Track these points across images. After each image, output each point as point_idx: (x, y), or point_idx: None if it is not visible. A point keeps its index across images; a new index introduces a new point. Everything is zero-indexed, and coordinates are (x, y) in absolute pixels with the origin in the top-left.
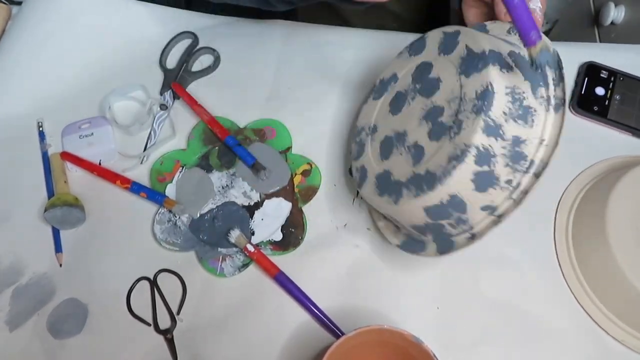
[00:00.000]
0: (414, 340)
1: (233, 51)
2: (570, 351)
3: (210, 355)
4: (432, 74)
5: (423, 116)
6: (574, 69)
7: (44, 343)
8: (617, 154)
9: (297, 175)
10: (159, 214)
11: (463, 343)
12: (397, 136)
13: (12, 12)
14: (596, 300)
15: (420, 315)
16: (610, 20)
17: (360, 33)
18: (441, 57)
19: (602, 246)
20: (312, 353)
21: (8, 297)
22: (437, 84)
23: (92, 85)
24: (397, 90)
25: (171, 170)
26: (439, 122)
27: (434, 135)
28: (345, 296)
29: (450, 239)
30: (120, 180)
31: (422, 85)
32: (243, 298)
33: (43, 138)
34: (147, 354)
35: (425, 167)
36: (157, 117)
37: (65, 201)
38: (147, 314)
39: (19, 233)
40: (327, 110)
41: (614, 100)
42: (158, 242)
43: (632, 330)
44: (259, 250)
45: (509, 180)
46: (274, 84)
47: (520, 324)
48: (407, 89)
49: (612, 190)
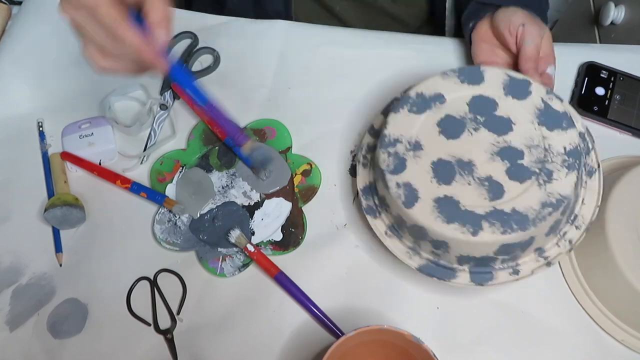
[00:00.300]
0: (414, 340)
1: (233, 51)
2: (570, 351)
3: (210, 355)
4: (498, 112)
5: (495, 152)
6: (574, 69)
7: (44, 343)
8: (617, 154)
9: (297, 175)
10: (159, 213)
11: (463, 343)
12: (460, 163)
13: (12, 12)
14: (596, 300)
15: (420, 315)
16: (610, 20)
17: (360, 33)
18: (509, 98)
19: (602, 246)
20: (312, 353)
21: (8, 297)
22: (509, 125)
23: (92, 85)
24: (447, 113)
25: (171, 171)
26: (520, 164)
27: (515, 176)
28: (345, 296)
29: (491, 272)
30: (121, 180)
31: (488, 119)
32: (243, 298)
33: (43, 138)
34: (147, 354)
35: (512, 206)
36: (157, 117)
37: (65, 201)
38: (147, 314)
39: (19, 233)
40: (327, 110)
41: (614, 100)
42: (158, 242)
43: (632, 330)
44: (259, 251)
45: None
46: (274, 84)
47: (520, 324)
48: (464, 116)
49: (612, 190)
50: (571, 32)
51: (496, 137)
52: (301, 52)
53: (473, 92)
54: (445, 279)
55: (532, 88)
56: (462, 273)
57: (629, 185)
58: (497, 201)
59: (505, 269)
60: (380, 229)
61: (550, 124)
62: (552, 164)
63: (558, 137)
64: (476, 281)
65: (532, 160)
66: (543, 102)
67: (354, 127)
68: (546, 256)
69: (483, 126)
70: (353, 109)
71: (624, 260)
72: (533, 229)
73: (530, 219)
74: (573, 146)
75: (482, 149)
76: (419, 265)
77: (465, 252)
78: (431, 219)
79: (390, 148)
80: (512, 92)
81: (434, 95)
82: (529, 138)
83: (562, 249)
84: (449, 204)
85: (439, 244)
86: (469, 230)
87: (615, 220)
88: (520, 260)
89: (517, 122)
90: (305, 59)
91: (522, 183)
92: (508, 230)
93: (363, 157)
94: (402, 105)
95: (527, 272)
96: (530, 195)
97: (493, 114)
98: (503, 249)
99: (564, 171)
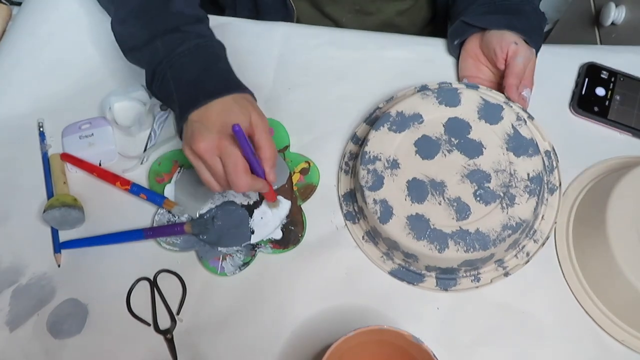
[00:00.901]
0: (413, 341)
1: (233, 51)
2: (570, 351)
3: (210, 355)
4: (471, 135)
5: (466, 175)
6: (574, 70)
7: (44, 343)
8: (617, 155)
9: (295, 174)
10: (158, 214)
11: (463, 343)
12: (433, 184)
13: (12, 12)
14: (596, 300)
15: (420, 315)
16: (611, 20)
17: (359, 34)
18: (482, 122)
19: (602, 246)
20: (312, 353)
21: (8, 297)
22: (479, 149)
23: (93, 85)
24: (424, 134)
25: (169, 171)
26: (487, 187)
27: (482, 199)
28: (345, 296)
29: (455, 279)
30: (120, 182)
31: (461, 142)
32: (243, 297)
33: (43, 138)
34: (147, 354)
35: (476, 227)
36: (157, 117)
37: (64, 202)
38: (147, 314)
39: (19, 233)
40: (327, 111)
41: (614, 100)
42: (158, 243)
43: (633, 330)
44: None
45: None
46: (273, 84)
47: (521, 324)
48: (439, 137)
49: (613, 191)
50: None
51: (467, 160)
52: (301, 52)
53: (449, 113)
54: (414, 283)
55: (504, 113)
56: (430, 278)
57: (629, 185)
58: (463, 221)
59: (467, 277)
60: (359, 234)
61: (518, 150)
62: (516, 188)
63: (523, 164)
64: (442, 286)
65: (498, 184)
66: (513, 127)
67: (354, 127)
68: (505, 266)
69: (456, 148)
70: (352, 109)
71: (625, 261)
72: (493, 248)
73: (491, 240)
74: (536, 173)
75: (453, 171)
76: (391, 269)
77: (432, 264)
78: (403, 235)
79: (369, 165)
80: (485, 116)
81: (413, 115)
82: (497, 162)
83: (520, 261)
84: (420, 222)
85: (409, 255)
86: (436, 247)
87: (615, 220)
88: (481, 270)
89: (488, 146)
90: (304, 60)
91: (487, 205)
92: (471, 249)
93: (345, 164)
94: (383, 123)
95: (487, 281)
96: (493, 217)
97: (466, 136)
98: (466, 262)
99: (526, 196)
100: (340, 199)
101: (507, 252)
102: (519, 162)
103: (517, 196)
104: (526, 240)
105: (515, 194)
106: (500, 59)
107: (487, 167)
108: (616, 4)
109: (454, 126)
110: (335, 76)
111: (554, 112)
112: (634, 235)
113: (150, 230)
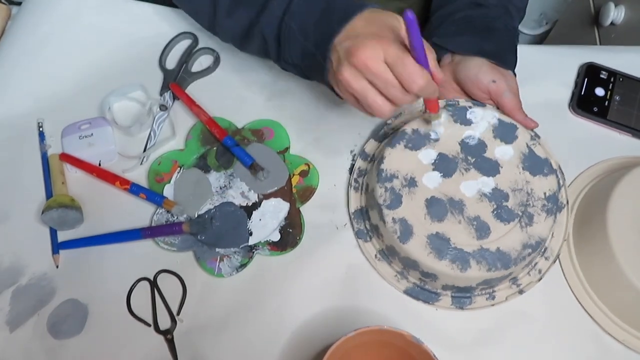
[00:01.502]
0: (414, 341)
1: (233, 52)
2: (570, 351)
3: (210, 356)
4: (487, 154)
5: (485, 194)
6: (574, 70)
7: (44, 343)
8: (617, 155)
9: (295, 176)
10: (157, 214)
11: (463, 343)
12: (452, 202)
13: (12, 12)
14: (597, 301)
15: (420, 316)
16: (610, 20)
17: None
18: (497, 141)
19: (603, 246)
20: (312, 353)
21: (8, 298)
22: (496, 167)
23: (92, 85)
24: (441, 152)
25: (169, 171)
26: (505, 206)
27: (501, 218)
28: (345, 296)
29: (470, 297)
30: (120, 182)
31: (478, 161)
32: (242, 298)
33: (43, 138)
34: (147, 355)
35: (497, 246)
36: (157, 117)
37: (61, 203)
38: (147, 315)
39: (19, 233)
40: (326, 112)
41: (614, 101)
42: (156, 243)
43: (633, 330)
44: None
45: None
46: (273, 85)
47: (521, 324)
48: (456, 156)
49: (613, 191)
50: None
51: (484, 179)
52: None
53: (465, 132)
54: (429, 302)
55: (518, 133)
56: (445, 297)
57: (629, 185)
58: (483, 240)
59: (482, 295)
60: (371, 252)
61: (533, 169)
62: (533, 207)
63: (539, 183)
64: (457, 305)
65: (516, 203)
66: (527, 147)
67: (353, 127)
68: (519, 284)
69: (473, 167)
70: (352, 110)
71: (625, 260)
72: (514, 267)
73: (512, 259)
74: (552, 192)
75: (472, 190)
76: (405, 289)
77: (451, 283)
78: (424, 254)
79: (387, 183)
80: (500, 136)
81: (428, 132)
82: (514, 181)
83: (533, 278)
84: (441, 241)
85: (429, 275)
86: (458, 267)
87: (616, 220)
88: (496, 288)
89: (504, 165)
90: None
91: (506, 224)
92: (493, 268)
93: (354, 181)
94: (399, 140)
95: (502, 298)
96: (513, 236)
97: (483, 155)
98: (485, 282)
99: (543, 215)
100: (351, 216)
101: (522, 270)
102: (535, 181)
103: (535, 215)
104: (538, 257)
105: (533, 213)
106: (485, 100)
107: (505, 186)
108: (615, 4)
109: (470, 144)
110: None
111: (554, 113)
112: (634, 235)
113: (148, 230)
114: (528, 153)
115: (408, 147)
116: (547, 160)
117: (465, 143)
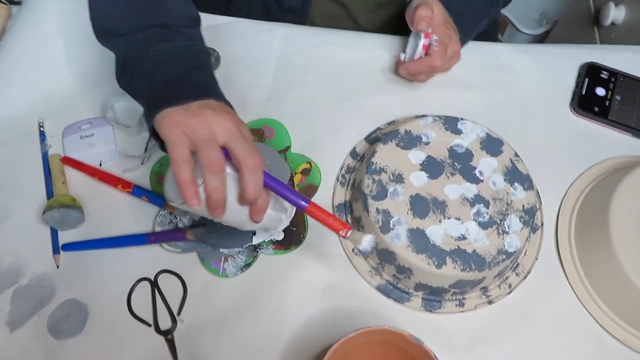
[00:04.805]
0: (414, 341)
1: (233, 51)
2: (571, 350)
3: (210, 356)
4: (473, 162)
5: (466, 199)
6: (574, 70)
7: (44, 343)
8: (618, 155)
9: (297, 174)
10: (160, 216)
11: (463, 343)
12: (435, 202)
13: (12, 12)
14: (598, 300)
15: (421, 316)
16: (610, 20)
17: (359, 35)
18: (483, 152)
19: (604, 246)
20: (312, 353)
21: (8, 298)
22: (480, 175)
23: (93, 85)
24: (429, 155)
25: None
26: (485, 212)
27: (480, 223)
28: (346, 296)
29: (441, 302)
30: (122, 184)
31: (464, 167)
32: (243, 298)
33: (44, 138)
34: (147, 355)
35: (473, 248)
36: None
37: (62, 203)
38: (147, 315)
39: (19, 233)
40: (326, 110)
41: (615, 100)
42: (159, 244)
43: (634, 330)
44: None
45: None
46: (274, 84)
47: (521, 324)
48: (444, 160)
49: (614, 191)
50: (571, 33)
51: (468, 185)
52: (301, 52)
53: (454, 140)
54: (400, 301)
55: (504, 148)
56: (416, 298)
57: (630, 185)
58: (461, 241)
59: (453, 301)
60: (350, 246)
61: (514, 182)
62: (511, 218)
63: (519, 196)
64: (426, 308)
65: (495, 211)
66: (511, 162)
67: (354, 127)
68: (489, 295)
69: (459, 172)
70: (352, 109)
71: (627, 260)
72: (487, 271)
73: (487, 262)
74: (530, 206)
75: (456, 193)
76: (378, 285)
77: (424, 281)
78: (402, 247)
79: (375, 175)
80: (486, 148)
81: (420, 135)
82: (495, 191)
83: (503, 291)
84: (420, 236)
85: (403, 270)
86: (434, 263)
87: (618, 220)
88: (467, 295)
89: (485, 172)
90: (304, 60)
91: (484, 229)
92: (467, 268)
93: (342, 177)
94: (392, 138)
95: (471, 307)
96: (489, 241)
97: (469, 163)
98: (457, 283)
99: (520, 226)
100: (334, 209)
101: (493, 280)
102: (516, 193)
103: (513, 225)
104: (509, 272)
105: (510, 223)
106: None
107: (486, 194)
108: (615, 3)
109: (458, 152)
110: (336, 76)
111: (555, 112)
112: (636, 236)
113: (153, 236)
114: (511, 167)
115: (399, 146)
116: (529, 176)
117: (454, 150)
